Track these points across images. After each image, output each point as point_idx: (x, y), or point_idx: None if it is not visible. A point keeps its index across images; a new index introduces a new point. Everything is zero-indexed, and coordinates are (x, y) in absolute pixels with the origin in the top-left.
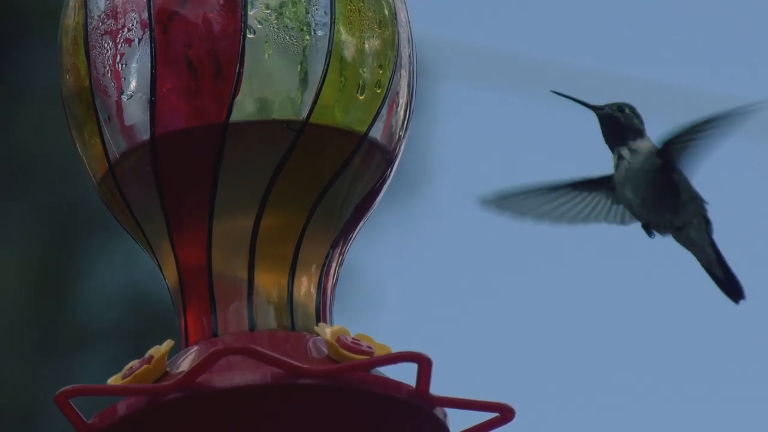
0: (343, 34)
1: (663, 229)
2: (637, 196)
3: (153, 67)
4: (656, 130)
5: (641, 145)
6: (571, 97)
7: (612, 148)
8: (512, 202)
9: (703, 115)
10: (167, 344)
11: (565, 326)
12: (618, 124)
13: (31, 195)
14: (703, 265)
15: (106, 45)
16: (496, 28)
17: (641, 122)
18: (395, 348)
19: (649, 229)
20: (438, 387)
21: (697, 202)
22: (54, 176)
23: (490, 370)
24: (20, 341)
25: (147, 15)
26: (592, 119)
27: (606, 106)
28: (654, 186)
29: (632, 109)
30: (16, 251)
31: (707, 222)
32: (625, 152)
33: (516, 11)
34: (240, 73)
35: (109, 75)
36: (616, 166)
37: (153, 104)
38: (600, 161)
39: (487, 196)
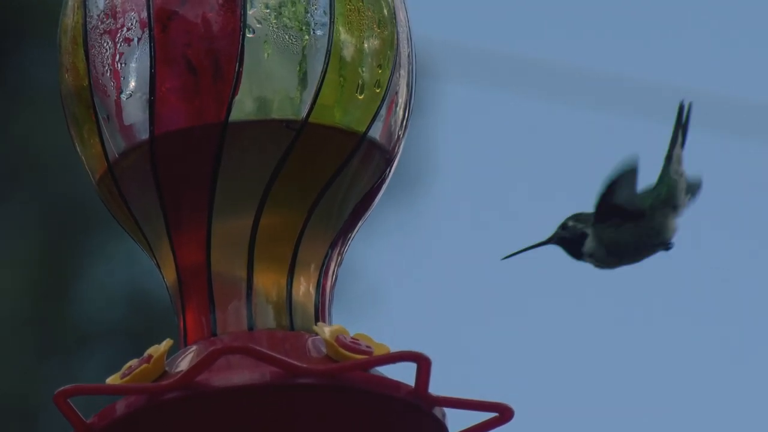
0: (343, 34)
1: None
2: (617, 261)
3: (152, 66)
4: (653, 131)
5: (590, 245)
6: (521, 250)
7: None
8: None
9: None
10: (166, 343)
11: (565, 326)
12: (569, 242)
13: (31, 195)
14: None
15: (105, 44)
16: (497, 29)
17: (584, 220)
18: (394, 348)
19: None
20: (437, 387)
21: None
22: (54, 176)
23: (489, 370)
24: (20, 341)
25: (146, 14)
26: (592, 120)
27: (554, 233)
28: (616, 251)
29: (575, 216)
30: (15, 251)
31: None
32: (588, 260)
33: (517, 11)
34: (239, 73)
35: (108, 74)
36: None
37: (152, 104)
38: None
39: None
